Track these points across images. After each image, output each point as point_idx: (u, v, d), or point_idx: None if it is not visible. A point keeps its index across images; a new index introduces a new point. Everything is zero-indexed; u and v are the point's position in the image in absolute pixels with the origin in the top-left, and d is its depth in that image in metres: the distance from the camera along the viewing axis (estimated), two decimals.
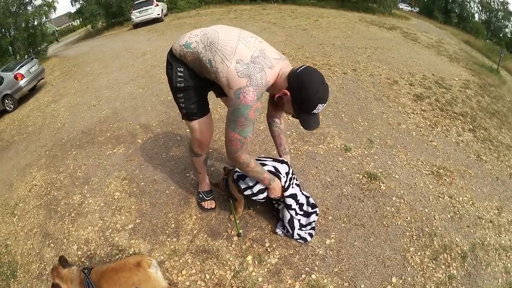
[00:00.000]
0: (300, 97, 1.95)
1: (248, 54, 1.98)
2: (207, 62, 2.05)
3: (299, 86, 1.94)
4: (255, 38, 2.12)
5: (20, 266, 3.01)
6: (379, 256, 2.67)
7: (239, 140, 2.12)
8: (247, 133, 2.11)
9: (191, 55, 2.14)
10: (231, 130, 2.11)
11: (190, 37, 2.17)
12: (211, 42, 2.05)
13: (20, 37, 17.39)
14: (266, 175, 2.41)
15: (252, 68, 1.94)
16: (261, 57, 1.99)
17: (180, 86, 2.26)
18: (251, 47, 2.02)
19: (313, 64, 7.13)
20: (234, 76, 1.94)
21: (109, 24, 25.64)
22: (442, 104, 5.81)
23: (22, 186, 4.20)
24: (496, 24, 42.61)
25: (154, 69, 7.74)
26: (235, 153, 2.20)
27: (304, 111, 2.01)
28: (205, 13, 18.91)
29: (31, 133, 6.06)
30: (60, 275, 2.20)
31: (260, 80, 1.94)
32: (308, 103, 1.96)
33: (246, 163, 2.26)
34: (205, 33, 2.12)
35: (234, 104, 2.00)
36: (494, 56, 15.77)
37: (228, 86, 1.99)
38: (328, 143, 4.05)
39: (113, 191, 3.54)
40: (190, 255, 2.70)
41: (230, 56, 1.97)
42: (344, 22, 13.84)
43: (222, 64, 1.99)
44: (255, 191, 2.55)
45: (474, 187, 3.85)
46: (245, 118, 2.01)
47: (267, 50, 2.07)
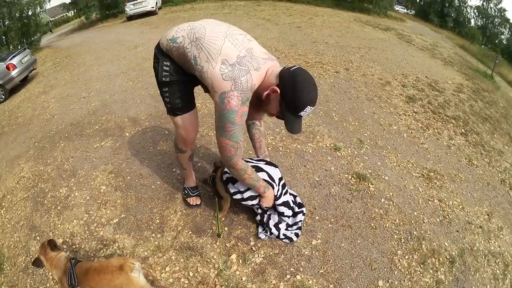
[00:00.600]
0: (292, 95, 1.89)
1: (234, 54, 1.91)
2: (192, 59, 2.00)
3: (292, 83, 1.88)
4: (243, 36, 2.05)
5: (7, 259, 2.96)
6: (366, 258, 2.65)
7: (232, 146, 2.08)
8: (237, 138, 2.06)
9: (176, 50, 2.09)
10: (220, 136, 2.07)
11: (177, 32, 2.11)
12: (197, 37, 1.99)
13: (14, 27, 17.25)
14: (262, 183, 2.38)
15: (237, 71, 1.88)
16: (248, 57, 1.93)
17: (165, 80, 2.22)
18: (238, 46, 1.95)
19: (305, 62, 7.15)
20: (219, 79, 1.89)
21: (103, 16, 25.40)
22: (434, 107, 5.82)
23: (10, 177, 4.13)
24: (492, 30, 42.98)
25: (145, 62, 7.68)
26: (231, 160, 2.16)
27: (292, 111, 1.95)
28: (199, 8, 18.77)
29: (21, 124, 5.98)
30: (47, 256, 2.16)
31: (246, 83, 1.89)
32: (299, 103, 1.90)
33: (244, 169, 2.23)
34: (192, 28, 2.06)
35: (219, 109, 1.96)
36: (488, 61, 15.87)
37: (213, 88, 1.94)
38: (318, 141, 4.02)
39: (99, 185, 3.49)
40: (174, 251, 2.66)
41: (216, 55, 1.91)
42: (339, 21, 13.83)
43: (207, 63, 1.93)
44: (246, 197, 2.51)
45: (465, 191, 3.85)
46: (231, 123, 1.96)
47: (255, 50, 2.01)
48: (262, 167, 2.52)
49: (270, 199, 2.49)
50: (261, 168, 2.50)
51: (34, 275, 2.70)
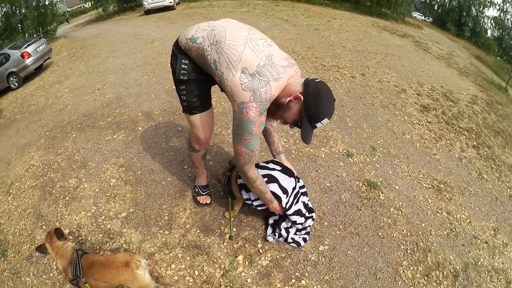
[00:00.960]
0: (315, 104, 1.91)
1: (254, 62, 1.90)
2: (212, 63, 2.00)
3: (317, 93, 1.91)
4: (263, 41, 2.03)
5: (11, 245, 2.99)
6: (371, 267, 2.64)
7: (247, 154, 2.11)
8: (254, 147, 2.09)
9: (196, 51, 2.08)
10: (237, 143, 2.09)
11: (197, 31, 2.10)
12: (217, 41, 1.98)
13: (30, 15, 17.39)
14: (268, 195, 2.41)
15: (257, 82, 1.88)
16: (268, 66, 1.92)
17: (183, 78, 2.21)
18: (258, 53, 1.94)
19: (322, 65, 7.13)
20: (238, 88, 1.90)
21: (121, 9, 25.57)
22: (448, 118, 5.77)
23: (20, 165, 4.17)
24: (508, 42, 42.43)
25: (162, 57, 7.68)
26: (244, 166, 2.20)
27: (310, 120, 1.96)
28: (217, 5, 18.80)
29: (33, 112, 6.04)
30: (53, 244, 2.17)
31: (265, 95, 1.89)
32: (319, 112, 1.93)
33: (254, 179, 2.27)
34: (212, 29, 2.05)
35: (237, 117, 1.98)
36: (503, 74, 15.75)
37: (232, 97, 1.95)
38: (331, 147, 4.01)
39: (109, 178, 3.51)
40: (181, 249, 2.67)
41: (236, 62, 1.91)
42: (357, 26, 13.78)
43: (227, 70, 1.93)
44: (255, 205, 2.60)
45: (473, 205, 3.82)
46: (249, 133, 1.99)
47: (275, 56, 2.00)
48: (275, 176, 2.52)
49: (277, 208, 2.52)
50: (274, 179, 2.51)
51: (37, 263, 2.73)
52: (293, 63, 2.08)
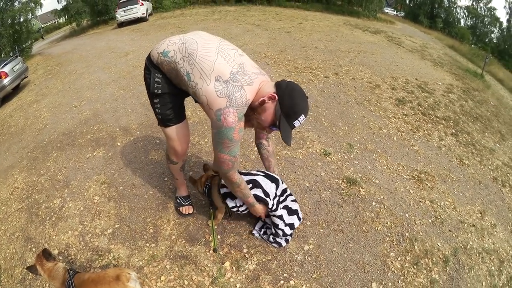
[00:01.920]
0: (290, 102, 1.95)
1: (227, 70, 1.94)
2: (185, 75, 2.02)
3: (290, 91, 1.96)
4: (235, 51, 2.07)
5: (3, 270, 2.95)
6: (359, 261, 2.69)
7: (229, 160, 2.13)
8: (235, 153, 2.11)
9: (167, 64, 2.10)
10: (219, 152, 2.10)
11: (168, 45, 2.12)
12: (189, 53, 2.00)
13: (5, 33, 17.05)
14: (250, 199, 2.45)
15: (231, 87, 1.91)
16: (240, 73, 1.96)
17: (157, 92, 2.23)
18: (230, 62, 1.97)
19: (295, 67, 7.18)
20: (214, 96, 1.92)
21: (94, 22, 25.32)
22: (424, 109, 5.88)
23: (4, 188, 4.11)
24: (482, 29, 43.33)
25: (136, 70, 7.66)
26: (228, 173, 2.22)
27: (288, 119, 1.99)
28: (189, 14, 18.78)
29: (14, 134, 5.95)
30: (43, 266, 2.17)
31: (240, 99, 1.92)
32: (295, 109, 1.96)
33: (238, 183, 2.30)
34: (183, 42, 2.08)
35: (216, 126, 1.98)
36: (478, 60, 16.02)
37: (208, 106, 1.96)
38: (307, 147, 4.05)
39: (92, 195, 3.49)
40: (169, 260, 2.67)
41: (209, 71, 1.93)
42: (328, 25, 13.92)
43: (201, 80, 1.96)
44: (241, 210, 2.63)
45: (456, 191, 3.91)
46: (229, 140, 2.00)
47: (247, 64, 2.04)
48: (259, 181, 2.55)
49: (258, 210, 2.56)
50: (258, 184, 2.54)
51: (31, 286, 2.69)
52: (263, 72, 2.13)
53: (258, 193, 2.49)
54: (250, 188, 2.49)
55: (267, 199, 2.50)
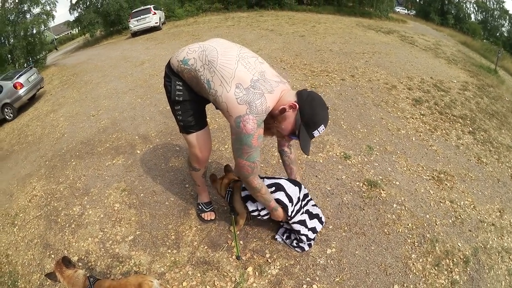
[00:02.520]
0: (311, 112, 1.95)
1: (248, 77, 1.94)
2: (205, 83, 2.03)
3: (311, 100, 1.95)
4: (255, 59, 2.08)
5: (21, 276, 3.00)
6: (381, 264, 2.66)
7: (249, 166, 2.13)
8: (255, 158, 2.12)
9: (188, 72, 2.12)
10: (238, 157, 2.12)
11: (188, 53, 2.13)
12: (209, 60, 2.02)
13: (19, 45, 17.46)
14: (272, 204, 2.44)
15: (251, 94, 1.91)
16: (261, 81, 1.96)
17: (178, 99, 2.24)
18: (251, 70, 1.98)
19: (311, 71, 7.17)
20: (234, 103, 1.92)
21: (108, 33, 25.67)
22: (441, 108, 5.82)
23: (22, 196, 4.19)
24: (492, 23, 42.76)
25: (153, 79, 7.74)
26: (247, 178, 2.22)
27: (307, 128, 1.98)
28: (202, 21, 18.95)
29: (31, 143, 6.06)
30: (63, 273, 2.18)
31: (260, 106, 1.92)
32: (315, 119, 1.95)
33: (258, 188, 2.30)
34: (203, 50, 2.09)
35: (235, 132, 2.00)
36: (491, 56, 15.87)
37: (228, 112, 1.98)
38: (328, 151, 4.04)
39: (112, 203, 3.53)
40: (191, 266, 2.68)
41: (230, 79, 1.94)
42: (341, 28, 13.89)
43: (221, 87, 1.96)
44: (262, 214, 2.60)
45: (475, 190, 3.85)
46: (248, 146, 2.01)
47: (267, 73, 2.04)
48: (282, 184, 2.56)
49: (280, 215, 2.53)
50: (281, 187, 2.54)
51: None
52: (284, 81, 2.13)
53: (280, 197, 2.48)
54: (273, 191, 2.50)
55: (288, 205, 2.49)
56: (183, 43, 3.03)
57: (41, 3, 18.64)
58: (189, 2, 25.53)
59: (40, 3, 18.54)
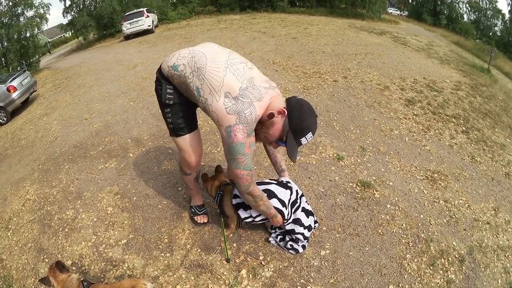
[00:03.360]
0: (299, 118, 1.97)
1: (236, 86, 1.95)
2: (195, 90, 2.03)
3: (299, 107, 1.98)
4: (244, 65, 2.08)
5: (15, 280, 2.97)
6: (375, 265, 2.66)
7: (247, 175, 2.13)
8: (250, 166, 2.12)
9: (178, 78, 2.12)
10: (235, 168, 2.10)
11: (178, 59, 2.13)
12: (198, 67, 2.01)
13: (12, 48, 17.37)
14: (272, 211, 2.44)
15: (240, 104, 1.92)
16: (250, 88, 1.97)
17: (169, 102, 2.24)
18: (239, 77, 1.98)
19: (303, 72, 7.18)
20: (223, 112, 1.94)
21: (101, 36, 25.61)
22: (434, 108, 5.84)
23: (16, 200, 4.16)
24: (485, 23, 43.04)
25: (145, 82, 7.72)
26: (248, 188, 2.22)
27: (295, 135, 2.00)
28: (195, 24, 18.95)
29: (24, 147, 6.01)
30: (56, 277, 2.16)
31: (250, 115, 1.93)
32: (303, 126, 1.97)
33: (260, 196, 2.30)
34: (193, 56, 2.09)
35: (227, 142, 2.01)
36: (484, 55, 15.98)
37: (218, 122, 1.99)
38: (320, 152, 4.04)
39: (105, 206, 3.51)
40: (184, 270, 2.67)
41: (218, 88, 1.95)
42: (334, 29, 13.92)
43: (210, 96, 1.97)
44: (257, 220, 2.61)
45: (470, 189, 3.87)
46: (242, 154, 2.02)
47: (256, 79, 2.05)
48: (273, 190, 2.55)
49: (280, 221, 2.54)
50: (273, 193, 2.53)
51: None
52: (274, 85, 2.14)
53: (274, 203, 2.48)
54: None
55: (283, 209, 2.49)
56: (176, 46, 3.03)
57: (35, 6, 18.56)
58: (182, 5, 25.58)
59: (33, 6, 18.46)
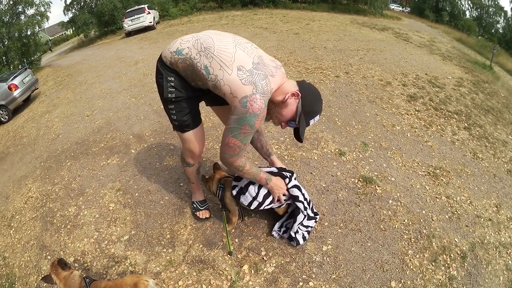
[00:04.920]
0: (311, 101, 2.04)
1: (248, 60, 1.94)
2: (203, 69, 1.99)
3: (311, 91, 2.07)
4: (250, 44, 2.09)
5: (18, 278, 2.98)
6: (377, 260, 2.66)
7: (238, 147, 2.09)
8: (248, 141, 2.10)
9: (182, 62, 2.06)
10: (232, 136, 2.05)
11: (181, 43, 2.09)
12: (205, 47, 1.99)
13: (13, 47, 17.40)
14: (262, 175, 2.37)
15: (256, 75, 1.91)
16: (261, 64, 1.97)
17: (171, 97, 2.19)
18: (249, 53, 1.98)
19: (305, 68, 7.18)
20: (238, 84, 1.90)
21: (102, 33, 25.58)
22: (436, 104, 5.83)
23: (18, 198, 4.17)
24: (487, 20, 42.84)
25: (147, 78, 7.72)
26: (231, 158, 2.17)
27: (306, 116, 2.06)
28: (196, 20, 18.95)
29: (26, 144, 6.03)
30: (58, 274, 2.16)
31: (266, 86, 1.92)
32: (314, 109, 2.07)
33: (242, 166, 2.23)
34: (197, 39, 2.06)
35: (239, 112, 1.95)
36: (486, 52, 15.93)
37: (232, 94, 1.94)
38: (322, 148, 4.03)
39: (108, 203, 3.51)
40: (186, 265, 2.67)
41: (230, 62, 1.92)
42: (336, 25, 13.90)
43: (221, 71, 1.93)
44: (261, 200, 2.53)
45: (472, 185, 3.86)
46: (250, 126, 1.97)
47: (264, 57, 2.06)
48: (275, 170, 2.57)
49: (278, 185, 2.47)
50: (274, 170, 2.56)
51: None
52: (279, 65, 2.15)
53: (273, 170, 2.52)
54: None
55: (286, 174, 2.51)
56: None
57: (36, 4, 18.59)
58: (183, 1, 25.48)
59: (34, 4, 18.49)
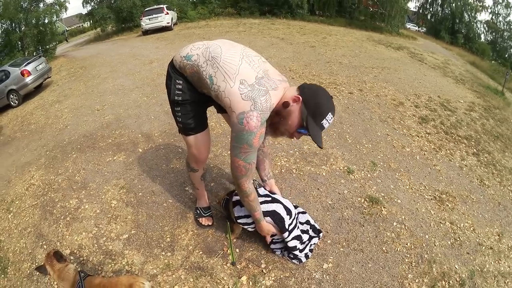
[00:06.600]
0: (315, 102, 1.90)
1: (252, 74, 1.92)
2: (207, 78, 1.99)
3: (313, 91, 1.94)
4: (258, 58, 2.07)
5: (11, 263, 3.00)
6: (377, 282, 2.62)
7: (243, 166, 2.07)
8: (252, 160, 2.06)
9: (190, 68, 2.08)
10: (235, 156, 2.05)
11: (191, 49, 2.11)
12: (213, 56, 1.99)
13: (30, 33, 17.62)
14: (258, 214, 2.37)
15: (256, 91, 1.88)
16: (265, 79, 1.94)
17: (177, 99, 2.21)
18: (255, 67, 1.96)
19: (319, 82, 7.15)
20: (238, 98, 1.88)
21: (119, 29, 25.79)
22: (447, 127, 5.79)
23: (20, 183, 4.20)
24: (501, 44, 42.68)
25: (160, 78, 7.71)
26: (240, 179, 2.15)
27: (316, 119, 1.91)
28: (214, 25, 19.06)
29: (33, 131, 6.07)
30: (53, 266, 2.14)
31: (265, 103, 1.88)
32: (321, 109, 1.90)
33: (247, 193, 2.21)
34: (207, 47, 2.07)
35: (237, 129, 1.93)
36: (499, 77, 15.86)
37: (231, 108, 1.92)
38: (331, 164, 4.00)
39: (110, 199, 3.51)
40: (184, 271, 2.65)
41: (233, 75, 1.91)
42: (352, 41, 13.93)
43: (224, 83, 1.92)
44: (250, 222, 2.55)
45: (476, 212, 3.82)
46: (249, 145, 1.95)
47: (270, 71, 2.03)
48: (279, 199, 2.55)
49: (266, 229, 2.49)
50: (278, 200, 2.53)
51: (38, 282, 2.72)
52: (286, 79, 2.12)
53: (278, 209, 2.47)
54: (269, 201, 2.49)
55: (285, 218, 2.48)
56: None
57: None
58: (202, 4, 25.69)
59: None
